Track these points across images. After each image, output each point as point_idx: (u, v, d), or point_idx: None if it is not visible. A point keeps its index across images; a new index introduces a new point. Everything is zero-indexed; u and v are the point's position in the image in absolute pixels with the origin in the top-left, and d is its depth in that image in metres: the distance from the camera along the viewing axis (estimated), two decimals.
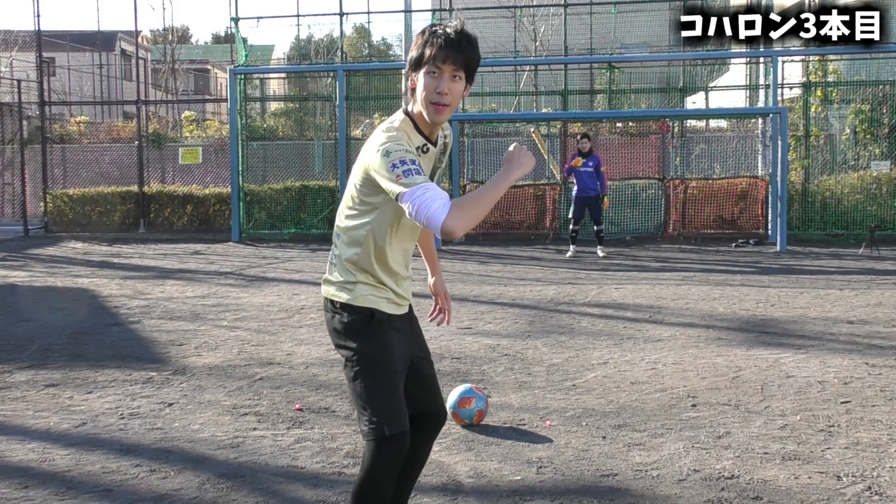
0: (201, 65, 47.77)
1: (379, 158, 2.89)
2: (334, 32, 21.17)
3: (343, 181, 17.65)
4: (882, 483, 4.13)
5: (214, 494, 4.08)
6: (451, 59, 2.96)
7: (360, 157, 3.08)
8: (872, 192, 16.31)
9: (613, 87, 18.78)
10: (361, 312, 3.10)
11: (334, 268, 3.17)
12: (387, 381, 3.09)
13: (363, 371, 3.09)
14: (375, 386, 3.09)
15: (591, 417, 5.21)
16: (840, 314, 8.63)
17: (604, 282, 11.22)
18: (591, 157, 14.07)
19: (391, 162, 2.86)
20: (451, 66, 2.97)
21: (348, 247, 3.11)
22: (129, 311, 9.17)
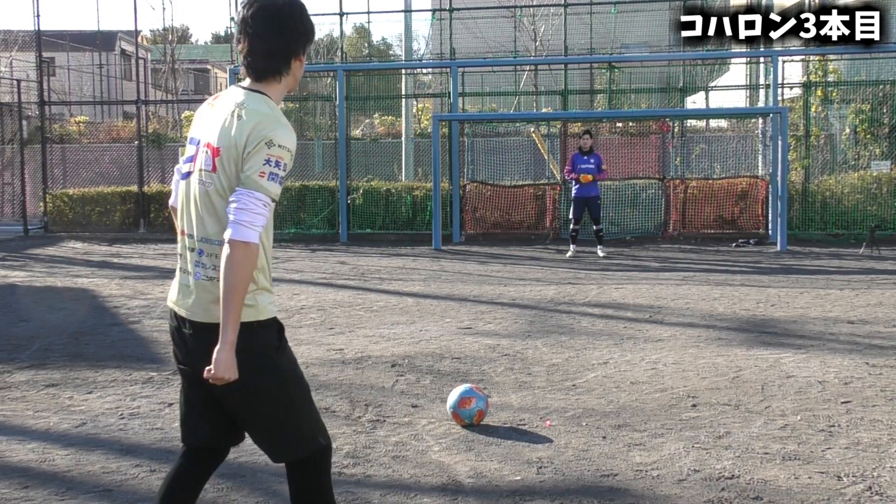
0: (201, 65, 47.77)
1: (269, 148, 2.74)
2: (334, 32, 21.19)
3: (343, 181, 17.68)
4: (882, 483, 4.13)
5: (214, 494, 4.08)
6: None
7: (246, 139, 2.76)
8: (873, 191, 16.31)
9: (613, 87, 18.78)
10: (271, 326, 2.87)
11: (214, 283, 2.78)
12: (308, 392, 2.99)
13: (291, 389, 2.90)
14: (303, 399, 2.95)
15: (591, 417, 5.21)
16: (840, 314, 8.63)
17: (604, 282, 11.22)
18: (593, 154, 14.07)
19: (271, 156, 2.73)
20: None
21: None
22: (129, 311, 9.17)
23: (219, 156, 2.78)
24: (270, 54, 2.84)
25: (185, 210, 2.91)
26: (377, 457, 4.54)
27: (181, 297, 2.89)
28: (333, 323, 8.38)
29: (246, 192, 2.71)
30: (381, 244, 16.60)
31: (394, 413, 5.32)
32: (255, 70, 2.87)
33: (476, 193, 17.59)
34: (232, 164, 2.76)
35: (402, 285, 11.07)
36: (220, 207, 2.78)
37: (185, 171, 2.92)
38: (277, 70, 2.86)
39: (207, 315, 2.80)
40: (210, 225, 2.81)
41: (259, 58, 2.85)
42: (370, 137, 20.78)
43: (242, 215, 2.70)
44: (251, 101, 2.81)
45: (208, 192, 2.81)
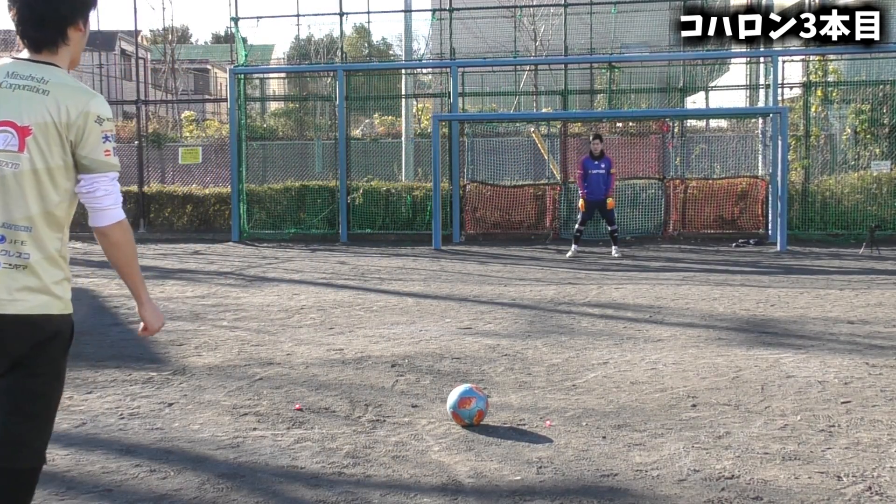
0: (201, 65, 47.78)
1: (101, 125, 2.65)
2: (334, 32, 21.19)
3: (343, 181, 17.68)
4: (882, 483, 4.13)
5: (214, 494, 4.08)
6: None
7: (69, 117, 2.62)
8: (872, 192, 16.32)
9: (613, 87, 18.78)
10: (71, 320, 2.77)
11: (26, 271, 2.62)
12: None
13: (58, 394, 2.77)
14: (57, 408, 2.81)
15: (591, 417, 5.21)
16: (840, 314, 8.63)
17: (604, 282, 11.21)
18: (604, 158, 14.08)
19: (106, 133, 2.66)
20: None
21: (53, 233, 2.68)
22: (129, 311, 9.17)
23: (30, 135, 2.60)
24: (43, 21, 2.64)
25: None
26: (377, 457, 4.54)
27: None
28: (333, 323, 8.38)
29: (100, 175, 2.66)
30: (381, 244, 16.60)
31: (394, 413, 5.32)
32: (29, 40, 2.68)
33: (476, 193, 17.59)
34: (52, 144, 2.60)
35: (402, 285, 11.07)
36: (32, 189, 2.61)
37: None
38: (53, 40, 2.67)
39: (15, 305, 2.60)
40: (16, 209, 2.61)
41: (29, 26, 2.66)
42: (370, 137, 20.78)
43: (108, 200, 2.68)
44: (50, 75, 2.65)
45: (15, 174, 2.61)
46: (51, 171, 2.63)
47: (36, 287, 2.63)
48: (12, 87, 2.64)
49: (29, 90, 2.62)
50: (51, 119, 2.60)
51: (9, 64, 2.71)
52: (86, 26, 2.76)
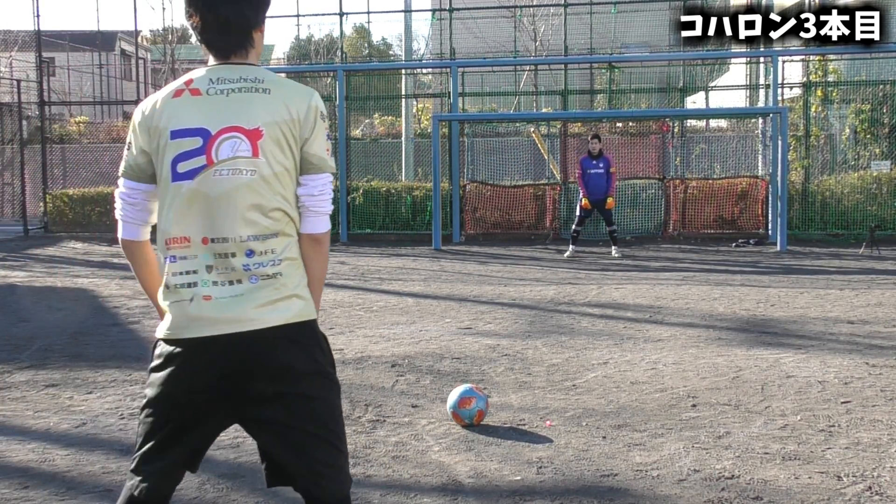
0: (201, 64, 47.75)
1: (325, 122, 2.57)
2: (334, 32, 21.20)
3: (343, 181, 17.68)
4: (882, 483, 4.13)
5: (214, 494, 4.08)
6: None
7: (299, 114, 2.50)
8: (872, 192, 16.32)
9: (613, 87, 18.79)
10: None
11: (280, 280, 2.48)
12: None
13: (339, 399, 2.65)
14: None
15: (591, 417, 5.21)
16: (840, 314, 8.63)
17: (604, 282, 11.22)
18: (602, 158, 14.08)
19: (327, 130, 2.57)
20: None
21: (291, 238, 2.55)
22: (129, 311, 9.17)
23: (261, 137, 2.44)
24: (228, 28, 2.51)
25: (201, 214, 2.46)
26: (377, 457, 4.54)
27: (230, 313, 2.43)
28: (333, 323, 8.38)
29: (322, 175, 2.52)
30: (381, 244, 16.60)
31: (394, 413, 5.32)
32: (215, 48, 2.55)
33: (476, 193, 17.59)
34: (284, 145, 2.46)
35: (402, 285, 11.07)
36: (268, 196, 2.45)
37: (189, 169, 2.46)
38: (242, 45, 2.54)
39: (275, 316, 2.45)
40: (259, 218, 2.45)
41: (216, 33, 2.52)
42: (370, 137, 20.79)
43: (327, 204, 2.54)
44: (262, 74, 2.52)
45: (253, 181, 2.44)
46: (288, 173, 2.48)
47: (291, 295, 2.48)
48: (225, 93, 2.48)
49: (247, 92, 2.47)
50: (280, 118, 2.46)
51: (208, 71, 2.55)
52: (265, 25, 2.63)
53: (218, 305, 2.43)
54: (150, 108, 2.54)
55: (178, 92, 2.52)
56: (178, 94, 2.52)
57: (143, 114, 2.55)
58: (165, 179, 2.49)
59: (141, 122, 2.55)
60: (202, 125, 2.46)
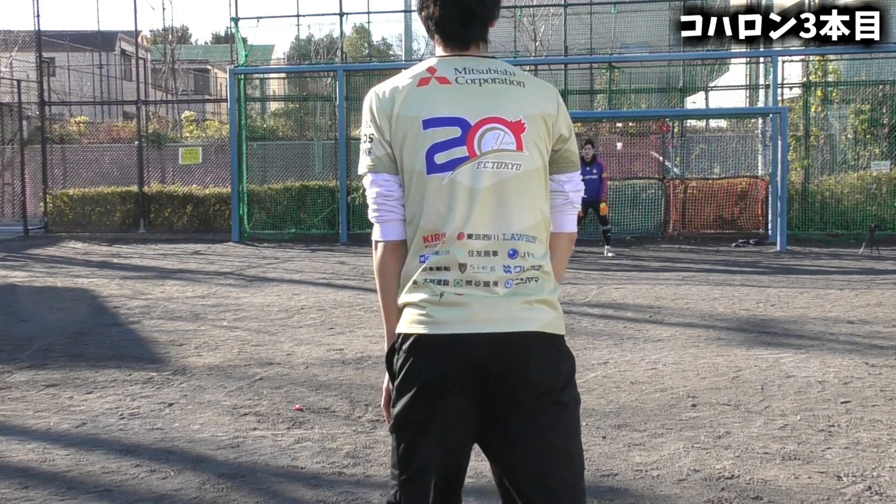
0: (201, 65, 47.77)
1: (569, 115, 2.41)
2: (334, 32, 21.19)
3: (343, 181, 17.66)
4: (882, 483, 4.13)
5: (214, 494, 4.08)
6: None
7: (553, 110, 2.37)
8: (872, 192, 16.32)
9: (613, 87, 18.78)
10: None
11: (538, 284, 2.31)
12: None
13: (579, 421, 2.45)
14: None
15: (591, 417, 5.21)
16: (840, 314, 8.63)
17: (604, 282, 11.22)
18: (595, 164, 14.07)
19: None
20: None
21: (548, 240, 2.39)
22: (129, 311, 9.17)
23: (524, 131, 2.30)
24: (471, 17, 2.37)
25: (461, 208, 2.28)
26: (377, 457, 4.54)
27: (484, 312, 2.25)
28: (333, 323, 8.38)
29: (577, 175, 2.43)
30: None
31: None
32: (454, 38, 2.38)
33: None
34: (541, 140, 2.33)
35: None
36: (532, 192, 2.31)
37: (448, 160, 2.29)
38: (481, 36, 2.40)
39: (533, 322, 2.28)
40: (525, 217, 2.30)
41: (458, 23, 2.36)
42: None
43: (579, 203, 2.45)
44: (508, 67, 2.41)
45: (519, 176, 2.30)
46: (544, 170, 2.36)
47: (548, 301, 2.31)
48: (478, 83, 2.33)
49: (502, 83, 2.33)
50: (538, 112, 2.33)
51: (451, 60, 2.38)
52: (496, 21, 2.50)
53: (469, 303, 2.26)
54: (391, 94, 2.38)
55: (423, 80, 2.35)
56: (425, 83, 2.34)
57: (379, 103, 2.41)
58: (419, 172, 2.30)
59: (379, 109, 2.40)
60: (459, 115, 2.30)
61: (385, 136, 2.37)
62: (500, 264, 2.26)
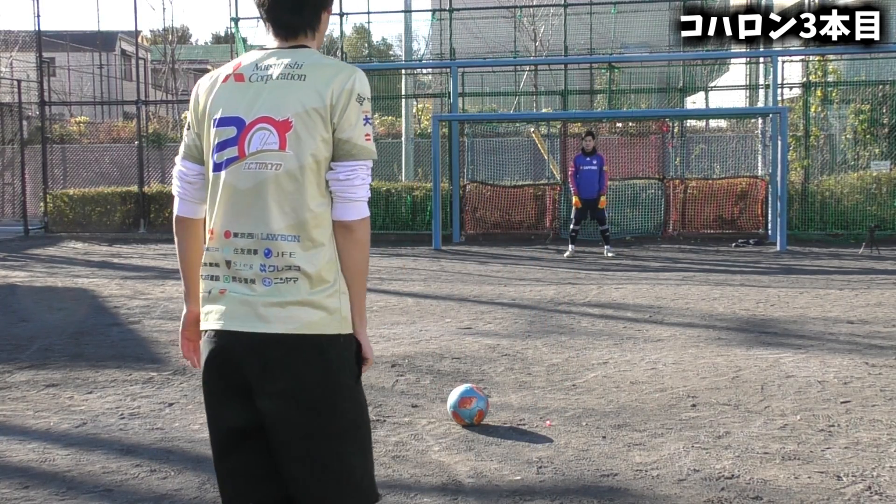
0: (201, 65, 47.75)
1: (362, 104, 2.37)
2: (334, 32, 21.17)
3: None
4: (882, 483, 4.13)
5: (214, 494, 4.08)
6: None
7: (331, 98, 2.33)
8: (872, 192, 16.32)
9: (613, 87, 18.79)
10: (353, 342, 2.44)
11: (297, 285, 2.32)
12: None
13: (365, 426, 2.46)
14: (370, 440, 2.51)
15: (591, 417, 5.21)
16: (840, 314, 8.63)
17: (604, 282, 11.22)
18: (595, 155, 14.09)
19: (366, 114, 2.37)
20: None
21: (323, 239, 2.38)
22: (129, 311, 9.17)
23: (290, 129, 2.31)
24: (300, 5, 2.40)
25: (229, 206, 2.38)
26: (377, 457, 4.54)
27: (243, 309, 2.34)
28: None
29: (357, 163, 2.33)
30: (381, 244, 16.60)
31: (394, 413, 5.33)
32: (281, 25, 2.42)
33: (476, 193, 17.59)
34: (315, 135, 2.31)
35: (402, 285, 11.07)
36: (299, 191, 2.32)
37: (222, 160, 2.38)
38: (310, 24, 2.44)
39: (286, 324, 2.31)
40: (279, 218, 2.32)
41: (286, 11, 2.40)
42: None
43: (364, 190, 2.35)
44: (304, 58, 2.37)
45: (277, 176, 2.32)
46: (319, 167, 2.33)
47: (309, 303, 2.31)
48: (265, 80, 2.37)
49: (285, 79, 2.34)
50: (311, 106, 2.30)
51: (256, 57, 2.44)
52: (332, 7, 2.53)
53: (230, 299, 2.36)
54: (204, 90, 2.46)
55: (226, 77, 2.44)
56: (226, 80, 2.43)
57: (196, 94, 2.48)
58: (209, 169, 2.43)
59: (193, 103, 2.48)
60: (239, 114, 2.37)
61: (195, 128, 2.48)
62: (259, 263, 2.32)
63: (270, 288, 2.32)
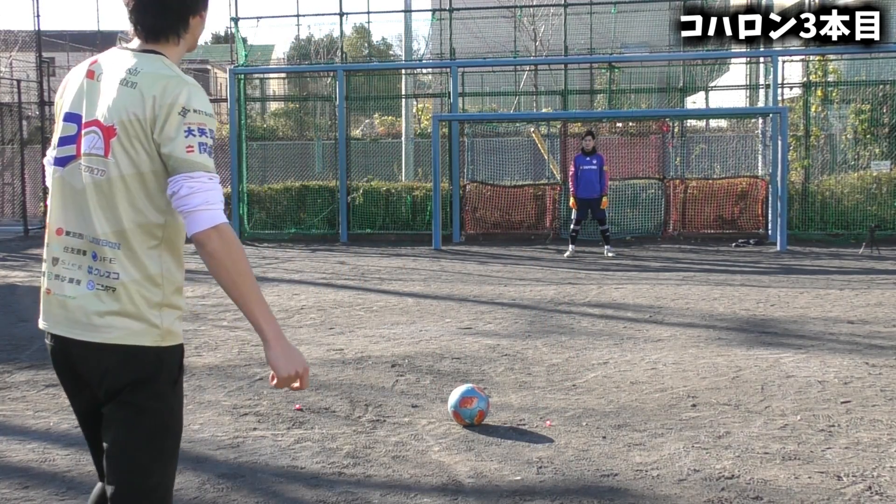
0: (201, 65, 47.76)
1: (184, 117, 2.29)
2: (334, 32, 21.20)
3: (343, 181, 17.67)
4: (882, 483, 4.13)
5: (214, 494, 4.08)
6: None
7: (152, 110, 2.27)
8: (872, 191, 16.31)
9: (613, 87, 18.78)
10: (176, 353, 2.40)
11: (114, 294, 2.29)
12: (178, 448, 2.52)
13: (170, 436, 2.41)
14: (174, 453, 2.44)
15: (591, 417, 5.21)
16: (840, 314, 8.63)
17: (604, 282, 11.21)
18: (595, 155, 14.09)
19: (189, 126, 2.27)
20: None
21: (150, 250, 2.33)
22: None
23: (115, 136, 2.27)
24: (163, 8, 2.37)
25: (64, 204, 2.37)
26: (377, 457, 4.54)
27: (62, 313, 2.35)
28: (333, 323, 8.38)
29: (182, 177, 2.24)
30: (381, 244, 16.60)
31: (394, 413, 5.32)
32: (144, 28, 2.38)
33: (476, 193, 17.59)
34: (138, 145, 2.26)
35: (402, 285, 11.07)
36: (123, 199, 2.29)
37: (62, 156, 2.38)
38: (173, 28, 2.39)
39: (101, 333, 2.30)
40: (103, 223, 2.30)
41: (149, 14, 2.36)
42: (370, 137, 20.79)
43: (196, 199, 2.24)
44: (144, 64, 2.32)
45: (101, 182, 2.29)
46: (142, 178, 2.29)
47: (126, 312, 2.29)
48: (105, 81, 2.35)
49: (120, 84, 2.30)
50: (135, 117, 2.26)
51: (111, 55, 2.41)
52: (206, 12, 2.47)
53: (53, 301, 2.38)
54: (66, 81, 2.47)
55: (83, 72, 2.43)
56: (81, 74, 2.43)
57: (62, 87, 2.49)
58: (51, 160, 2.45)
59: (59, 94, 2.49)
60: (80, 112, 2.37)
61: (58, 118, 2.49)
62: (87, 265, 2.31)
63: (93, 292, 2.30)
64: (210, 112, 2.31)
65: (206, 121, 2.29)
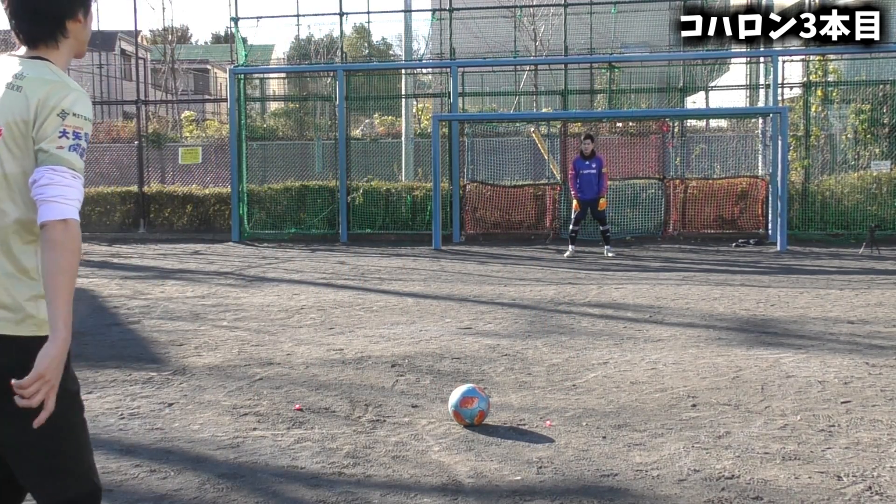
0: (201, 65, 47.76)
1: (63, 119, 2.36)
2: (334, 32, 21.20)
3: (343, 181, 17.67)
4: (882, 483, 4.13)
5: (214, 494, 4.08)
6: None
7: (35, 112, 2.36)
8: (872, 191, 16.32)
9: (613, 87, 18.78)
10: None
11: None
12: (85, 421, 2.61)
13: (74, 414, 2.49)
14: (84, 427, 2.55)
15: (591, 417, 5.21)
16: (840, 314, 8.63)
17: (604, 282, 11.21)
18: (595, 158, 14.10)
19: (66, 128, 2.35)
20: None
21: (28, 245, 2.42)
22: (129, 311, 9.17)
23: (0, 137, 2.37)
24: (38, 15, 2.41)
25: None
26: (377, 457, 4.54)
27: None
28: (333, 323, 8.38)
29: (46, 168, 2.31)
30: (381, 244, 16.60)
31: (394, 413, 5.32)
32: (23, 34, 2.45)
33: (476, 193, 17.59)
34: (22, 146, 2.36)
35: (402, 285, 11.07)
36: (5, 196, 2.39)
37: None
38: (51, 34, 2.44)
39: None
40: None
41: (24, 21, 2.43)
42: (370, 137, 20.79)
43: (50, 191, 2.29)
44: (30, 69, 2.40)
45: None
46: (25, 177, 2.36)
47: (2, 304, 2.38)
48: None
49: (8, 88, 2.38)
50: (19, 119, 2.34)
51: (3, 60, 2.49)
52: (87, 17, 2.52)
53: None
54: None
55: None
56: None
57: None
58: None
59: None
60: None
61: None
62: None
63: None
64: (90, 117, 2.40)
65: (84, 125, 2.38)
